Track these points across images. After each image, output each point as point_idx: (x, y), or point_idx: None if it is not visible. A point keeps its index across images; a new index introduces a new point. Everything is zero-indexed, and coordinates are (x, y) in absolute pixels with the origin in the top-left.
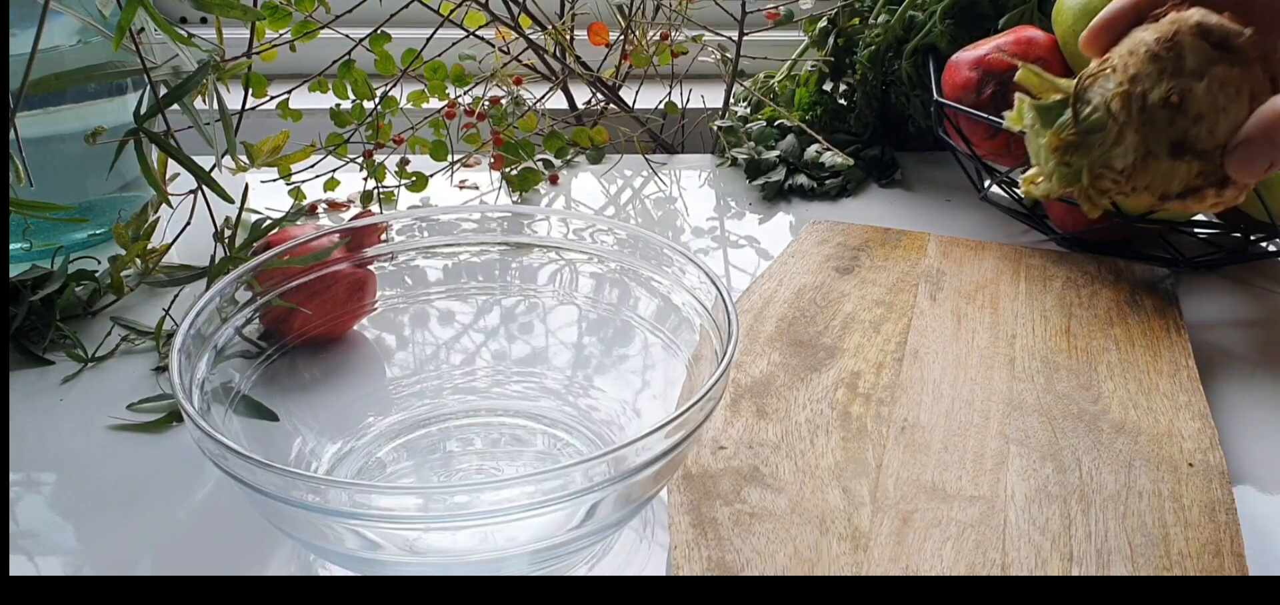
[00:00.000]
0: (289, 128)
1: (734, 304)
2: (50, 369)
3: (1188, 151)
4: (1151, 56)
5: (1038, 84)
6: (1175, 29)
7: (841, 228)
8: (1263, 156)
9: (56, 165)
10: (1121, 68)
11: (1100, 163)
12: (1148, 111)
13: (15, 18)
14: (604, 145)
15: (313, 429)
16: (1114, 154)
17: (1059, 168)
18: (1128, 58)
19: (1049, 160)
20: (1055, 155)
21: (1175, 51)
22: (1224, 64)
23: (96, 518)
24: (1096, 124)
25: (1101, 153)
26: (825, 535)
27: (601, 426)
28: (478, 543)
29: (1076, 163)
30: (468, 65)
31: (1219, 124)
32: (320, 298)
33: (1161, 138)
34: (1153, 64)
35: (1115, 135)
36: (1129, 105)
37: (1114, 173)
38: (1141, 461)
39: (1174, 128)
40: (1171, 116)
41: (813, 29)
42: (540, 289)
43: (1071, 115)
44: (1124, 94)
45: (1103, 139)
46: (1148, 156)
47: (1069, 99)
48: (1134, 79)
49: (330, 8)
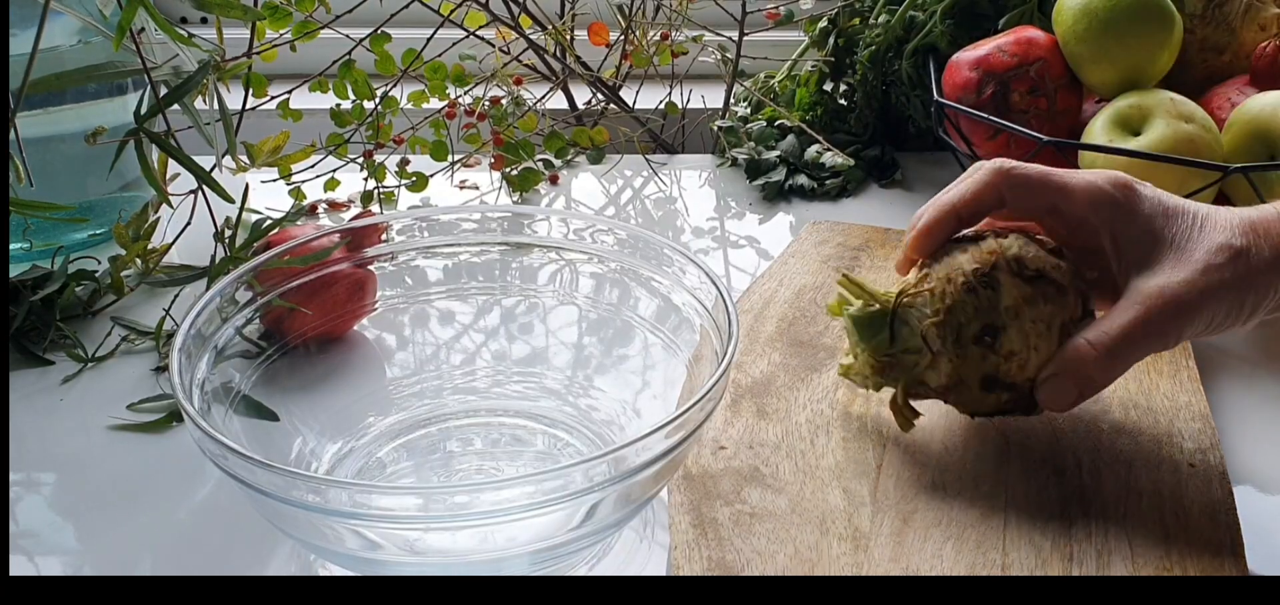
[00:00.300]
0: (289, 128)
1: (734, 304)
2: (50, 369)
3: (998, 385)
4: (968, 287)
5: (857, 292)
6: (993, 260)
7: (841, 228)
8: (1069, 393)
9: (56, 165)
10: (939, 294)
11: (914, 381)
12: (962, 345)
13: (15, 18)
14: (604, 145)
15: (313, 429)
16: (928, 374)
17: (874, 378)
18: (945, 284)
19: (867, 364)
20: (873, 360)
21: (991, 285)
22: (1038, 301)
23: (96, 518)
24: (912, 348)
25: (916, 373)
26: (825, 535)
27: (601, 426)
28: (478, 543)
29: (891, 378)
30: (468, 65)
31: (1030, 360)
32: (320, 298)
33: (974, 371)
34: (969, 296)
35: (929, 361)
36: (944, 336)
37: (927, 388)
38: (1141, 462)
39: (986, 363)
40: (984, 353)
41: (813, 29)
42: (540, 289)
43: (888, 336)
44: (939, 325)
45: (917, 360)
46: (961, 385)
47: (887, 314)
48: (950, 310)
49: (330, 8)
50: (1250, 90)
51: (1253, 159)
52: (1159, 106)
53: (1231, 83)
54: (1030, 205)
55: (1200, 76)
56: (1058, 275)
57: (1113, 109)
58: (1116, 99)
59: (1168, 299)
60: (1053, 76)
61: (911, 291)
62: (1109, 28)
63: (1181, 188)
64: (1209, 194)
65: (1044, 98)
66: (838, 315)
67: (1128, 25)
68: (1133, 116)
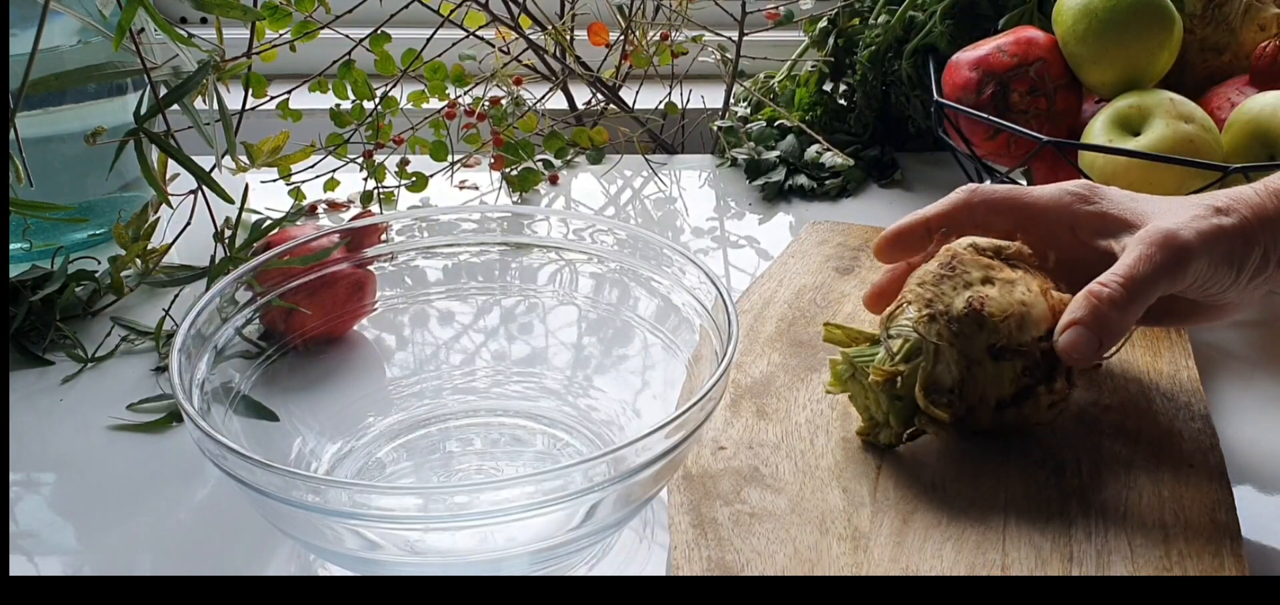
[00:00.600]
0: (289, 128)
1: (734, 304)
2: (50, 369)
3: (1007, 353)
4: (939, 278)
5: (842, 336)
6: (951, 253)
7: (841, 228)
8: (1091, 341)
9: (56, 165)
10: (916, 298)
11: (928, 384)
12: (956, 324)
13: (15, 18)
14: (604, 145)
15: (313, 429)
16: (939, 372)
17: (893, 406)
18: (918, 289)
19: (881, 401)
20: (885, 390)
21: (958, 267)
22: (1004, 266)
23: (96, 518)
24: (912, 349)
25: (926, 373)
26: (825, 535)
27: (601, 427)
28: (478, 543)
29: (905, 388)
30: (468, 65)
31: (1026, 319)
32: (320, 298)
33: (978, 344)
34: (943, 283)
35: (934, 354)
36: (935, 321)
37: (945, 391)
38: (1141, 462)
39: (985, 331)
40: (979, 321)
41: (813, 29)
42: (540, 289)
43: (886, 352)
44: (928, 316)
45: (924, 361)
46: (971, 366)
47: (878, 339)
48: (930, 302)
49: (330, 8)
50: (1250, 90)
51: (1253, 159)
52: (1159, 106)
53: (1231, 83)
54: (1000, 224)
55: (1200, 76)
56: (1012, 254)
57: (1112, 109)
58: (1116, 99)
59: (1169, 233)
60: (1052, 76)
61: (892, 312)
62: (1109, 28)
63: (1181, 188)
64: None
65: (1044, 98)
66: (837, 389)
67: (1128, 25)
68: (1132, 116)
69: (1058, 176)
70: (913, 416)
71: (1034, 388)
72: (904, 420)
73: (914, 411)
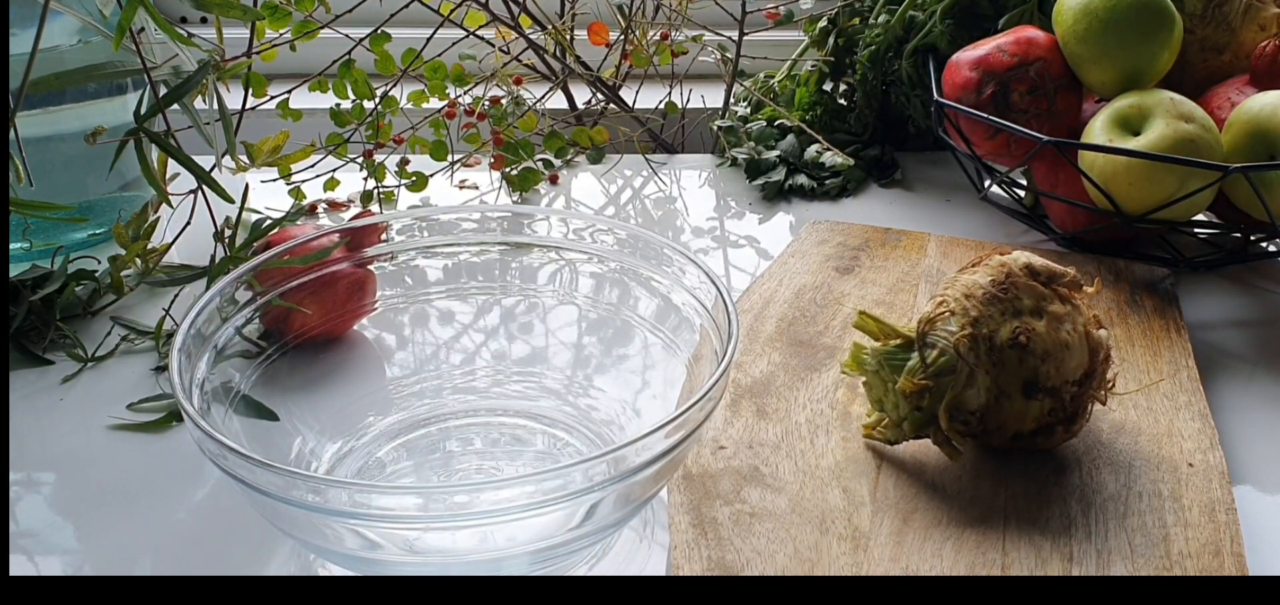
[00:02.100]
0: (289, 128)
1: (734, 304)
2: (50, 369)
3: (1039, 390)
4: (990, 298)
5: (876, 329)
6: (1005, 270)
7: (841, 228)
8: None
9: (56, 165)
10: (961, 310)
11: (954, 404)
12: (997, 353)
13: (15, 18)
14: (604, 145)
15: (313, 429)
16: (967, 395)
17: (913, 413)
18: (965, 301)
19: (900, 405)
20: (909, 400)
21: (1011, 290)
22: (1055, 300)
23: (96, 518)
24: (946, 366)
25: (954, 395)
26: (825, 535)
27: (601, 426)
28: (478, 543)
29: (929, 406)
30: (468, 65)
31: (1066, 362)
32: (320, 298)
33: (1013, 377)
34: (992, 305)
35: (966, 377)
36: (976, 347)
37: (968, 413)
38: (1141, 461)
39: (1024, 367)
40: (1021, 356)
41: (813, 29)
42: (540, 289)
43: (919, 359)
44: (970, 337)
45: (954, 381)
46: (1001, 397)
47: (913, 342)
48: (976, 321)
49: (330, 8)
50: (1250, 90)
51: (1253, 159)
52: (1159, 106)
53: (1231, 82)
54: None
55: (1200, 76)
56: (1068, 275)
57: (1112, 109)
58: (1116, 99)
59: None
60: (1053, 76)
61: (932, 316)
62: (1109, 28)
63: (1181, 187)
64: (1209, 193)
65: (1044, 98)
66: (855, 372)
67: (1128, 25)
68: (1132, 116)
69: (1058, 176)
70: (927, 428)
71: (1054, 427)
72: (917, 428)
73: (931, 424)
